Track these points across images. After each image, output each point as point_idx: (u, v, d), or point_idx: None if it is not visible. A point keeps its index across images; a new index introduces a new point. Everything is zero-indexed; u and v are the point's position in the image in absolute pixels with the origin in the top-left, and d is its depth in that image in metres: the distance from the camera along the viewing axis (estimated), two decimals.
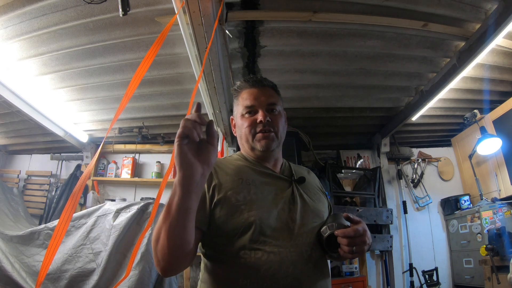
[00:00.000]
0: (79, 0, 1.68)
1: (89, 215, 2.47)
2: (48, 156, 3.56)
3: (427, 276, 2.99)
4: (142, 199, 2.99)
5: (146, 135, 3.25)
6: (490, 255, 2.43)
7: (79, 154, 3.52)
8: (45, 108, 2.64)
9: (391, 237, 3.07)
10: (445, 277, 3.17)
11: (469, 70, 2.34)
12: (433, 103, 2.74)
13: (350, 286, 2.74)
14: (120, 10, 1.65)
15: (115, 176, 3.40)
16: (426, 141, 3.76)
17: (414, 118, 2.97)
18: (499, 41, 2.12)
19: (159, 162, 3.45)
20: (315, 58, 2.28)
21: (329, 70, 2.46)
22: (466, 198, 3.26)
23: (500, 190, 2.97)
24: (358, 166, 3.56)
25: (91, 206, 2.79)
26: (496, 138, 2.87)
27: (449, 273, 3.23)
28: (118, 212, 2.43)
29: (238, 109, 1.04)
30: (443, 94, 2.61)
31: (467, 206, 3.20)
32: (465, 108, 3.07)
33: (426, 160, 3.64)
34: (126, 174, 3.39)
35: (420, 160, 3.63)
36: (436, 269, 3.01)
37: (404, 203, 3.43)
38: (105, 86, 2.49)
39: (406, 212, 3.40)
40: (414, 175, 3.59)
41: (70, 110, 2.86)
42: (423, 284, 3.01)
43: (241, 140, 1.03)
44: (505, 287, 2.27)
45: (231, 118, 1.10)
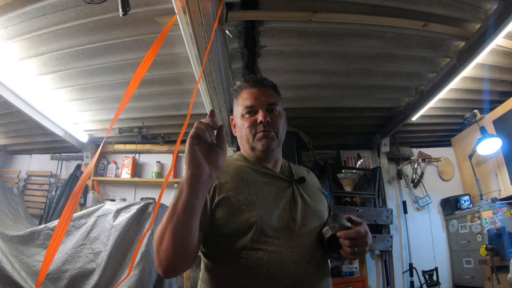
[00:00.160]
0: (79, 0, 1.68)
1: (89, 215, 2.47)
2: (48, 156, 3.56)
3: (427, 276, 2.98)
4: (142, 199, 2.98)
5: (146, 135, 3.25)
6: (490, 255, 2.43)
7: (79, 154, 3.52)
8: (45, 108, 2.64)
9: (391, 237, 3.07)
10: (445, 277, 3.17)
11: (469, 70, 2.34)
12: (433, 103, 2.74)
13: (350, 286, 2.74)
14: (120, 10, 1.65)
15: (115, 176, 3.40)
16: (426, 141, 3.76)
17: (414, 118, 2.97)
18: (499, 41, 2.12)
19: (159, 162, 3.45)
20: (315, 58, 2.28)
21: (329, 70, 2.46)
22: (466, 198, 3.26)
23: (500, 190, 2.97)
24: (358, 166, 3.55)
25: (91, 206, 2.78)
26: (496, 138, 2.87)
27: (449, 273, 3.23)
28: (118, 212, 2.43)
29: (238, 109, 1.03)
30: (443, 94, 2.61)
31: (467, 206, 3.20)
32: (465, 108, 3.07)
33: (426, 160, 3.64)
34: (126, 174, 3.39)
35: (420, 160, 3.62)
36: (436, 269, 3.01)
37: (404, 203, 3.43)
38: (105, 86, 2.49)
39: (406, 212, 3.40)
40: (414, 175, 3.58)
41: (70, 110, 2.86)
42: (423, 284, 3.01)
43: (241, 140, 1.03)
44: (505, 287, 2.27)
45: (231, 118, 1.10)
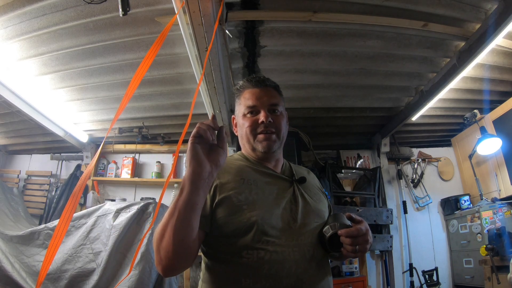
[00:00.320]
0: (79, 0, 1.68)
1: (89, 215, 2.47)
2: (48, 156, 3.56)
3: (427, 276, 2.98)
4: (142, 199, 2.98)
5: (146, 135, 3.25)
6: (490, 255, 2.43)
7: (79, 154, 3.52)
8: (45, 108, 2.64)
9: (391, 237, 3.07)
10: (445, 277, 3.17)
11: (469, 70, 2.34)
12: (433, 103, 2.74)
13: (350, 286, 2.74)
14: (120, 10, 1.65)
15: (115, 176, 3.40)
16: (426, 141, 3.76)
17: (414, 118, 2.97)
18: (499, 41, 2.12)
19: (159, 162, 3.44)
20: (315, 58, 2.28)
21: (329, 70, 2.46)
22: (466, 198, 3.26)
23: (500, 190, 2.97)
24: (358, 166, 3.55)
25: (91, 206, 2.78)
26: (496, 138, 2.87)
27: (449, 273, 3.23)
28: (118, 212, 2.43)
29: (240, 108, 1.03)
30: (443, 94, 2.61)
31: (467, 206, 3.20)
32: (465, 108, 3.07)
33: (426, 160, 3.64)
34: (126, 174, 3.38)
35: (420, 160, 3.62)
36: (436, 269, 3.01)
37: (404, 203, 3.43)
38: (105, 86, 2.49)
39: (406, 212, 3.40)
40: (414, 175, 3.58)
41: (70, 110, 2.85)
42: (423, 284, 3.01)
43: (242, 140, 1.03)
44: (505, 287, 2.27)
45: (233, 117, 1.10)
